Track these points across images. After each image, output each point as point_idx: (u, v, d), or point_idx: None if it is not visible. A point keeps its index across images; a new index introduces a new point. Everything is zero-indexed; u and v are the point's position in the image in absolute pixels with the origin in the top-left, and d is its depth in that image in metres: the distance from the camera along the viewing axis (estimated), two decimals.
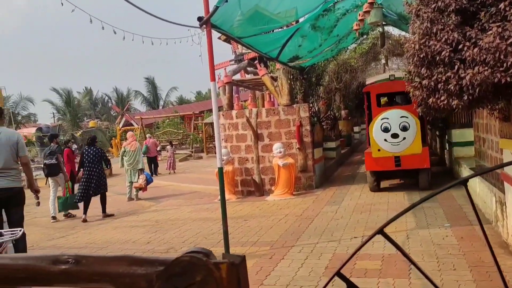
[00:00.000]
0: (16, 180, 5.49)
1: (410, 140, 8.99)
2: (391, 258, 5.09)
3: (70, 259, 1.15)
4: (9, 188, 5.37)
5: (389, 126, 9.07)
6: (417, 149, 8.95)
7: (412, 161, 9.02)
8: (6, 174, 5.36)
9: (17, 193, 5.48)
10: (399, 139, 9.02)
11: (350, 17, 9.09)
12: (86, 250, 6.91)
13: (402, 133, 9.05)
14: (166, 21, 6.24)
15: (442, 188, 1.22)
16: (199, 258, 1.14)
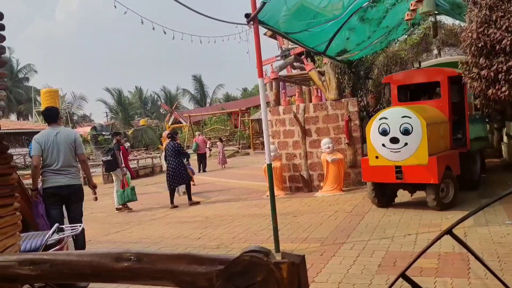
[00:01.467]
0: (76, 177, 5.70)
1: (413, 147, 7.17)
2: (448, 256, 4.89)
3: (132, 257, 1.18)
4: (69, 185, 5.58)
5: (388, 128, 7.34)
6: (423, 159, 7.11)
7: (416, 174, 7.23)
8: (66, 172, 5.58)
9: (77, 190, 5.69)
10: (399, 145, 7.23)
11: (399, 7, 8.80)
12: (140, 245, 7.13)
13: (403, 137, 7.24)
14: (214, 19, 6.29)
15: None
16: (259, 257, 1.12)
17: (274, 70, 12.13)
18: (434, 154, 7.21)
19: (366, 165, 7.80)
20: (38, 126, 29.99)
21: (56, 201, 5.52)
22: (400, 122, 7.22)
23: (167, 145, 10.91)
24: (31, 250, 3.25)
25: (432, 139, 7.22)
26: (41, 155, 5.56)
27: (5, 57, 2.54)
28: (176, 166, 10.53)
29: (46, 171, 5.56)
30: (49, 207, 5.49)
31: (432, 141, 7.22)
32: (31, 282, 1.23)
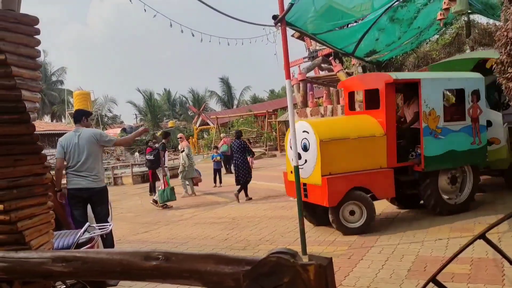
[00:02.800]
0: (96, 180, 5.59)
1: (311, 165, 6.64)
2: (481, 262, 4.75)
3: (161, 256, 1.19)
4: (89, 188, 5.51)
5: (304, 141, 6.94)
6: (317, 179, 6.55)
7: (314, 194, 6.72)
8: (86, 174, 5.51)
9: (98, 193, 5.59)
10: (301, 161, 6.66)
11: (432, 7, 8.62)
12: (168, 245, 7.21)
13: (304, 153, 6.74)
14: (242, 21, 6.32)
15: None
16: (286, 259, 1.12)
17: (302, 71, 12.12)
18: (338, 173, 6.57)
19: (286, 179, 7.56)
20: (71, 127, 30.80)
21: (77, 202, 5.50)
22: (301, 137, 6.74)
23: (233, 143, 11.65)
24: (63, 248, 3.34)
25: (333, 156, 6.56)
26: (64, 157, 5.56)
27: (39, 60, 2.62)
28: (242, 162, 11.10)
29: (69, 172, 5.56)
30: (72, 207, 5.51)
31: (334, 159, 6.57)
32: (63, 279, 1.26)
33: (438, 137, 7.04)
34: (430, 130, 6.98)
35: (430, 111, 6.97)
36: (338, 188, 6.52)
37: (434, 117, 7.01)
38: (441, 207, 7.18)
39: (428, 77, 7.38)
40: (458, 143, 7.17)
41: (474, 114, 7.35)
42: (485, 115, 7.47)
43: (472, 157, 7.35)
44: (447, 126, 7.13)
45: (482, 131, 7.42)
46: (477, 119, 7.36)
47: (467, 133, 7.28)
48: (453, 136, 7.14)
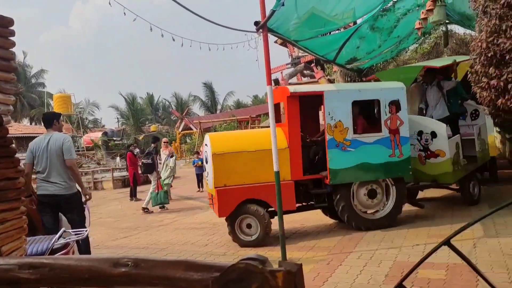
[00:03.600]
0: (65, 187, 5.36)
1: (211, 177, 6.81)
2: (456, 267, 4.83)
3: (130, 262, 1.19)
4: (56, 195, 5.31)
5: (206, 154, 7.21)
6: (213, 190, 6.78)
7: (214, 204, 6.97)
8: (54, 181, 5.32)
9: (66, 200, 5.37)
10: (206, 173, 7.16)
11: (411, 17, 8.77)
12: (147, 251, 7.14)
13: (206, 165, 7.11)
14: (223, 27, 6.34)
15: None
16: (255, 265, 1.13)
17: (284, 77, 12.18)
18: (233, 185, 6.68)
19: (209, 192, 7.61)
20: None
21: (45, 208, 5.30)
22: (205, 150, 7.16)
23: None
24: (38, 254, 3.28)
25: (228, 168, 6.67)
26: (33, 162, 5.37)
27: (14, 62, 2.58)
28: None
29: (38, 178, 5.38)
30: (41, 213, 5.29)
31: (229, 171, 6.67)
32: (31, 286, 1.24)
33: (347, 150, 6.91)
34: (337, 143, 6.87)
35: (336, 123, 6.86)
36: (229, 199, 6.64)
37: (341, 129, 6.91)
38: (357, 221, 7.03)
39: (334, 89, 7.25)
40: (372, 155, 6.96)
41: (392, 125, 7.07)
42: (406, 127, 7.13)
43: (391, 170, 7.06)
44: (358, 138, 6.96)
45: (404, 143, 7.09)
46: (397, 131, 7.08)
47: (384, 145, 7.03)
48: (366, 149, 6.95)
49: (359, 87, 7.35)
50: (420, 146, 7.60)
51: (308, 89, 7.54)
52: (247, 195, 6.71)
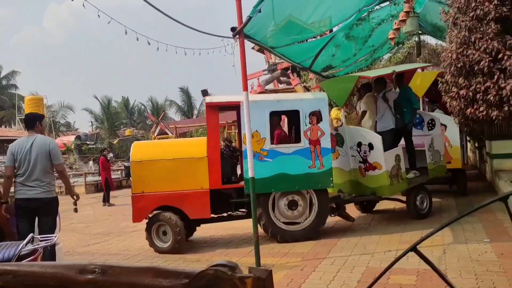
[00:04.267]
0: (47, 190, 5.28)
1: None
2: (426, 273, 4.91)
3: (97, 269, 1.16)
4: (38, 198, 5.19)
5: None
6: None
7: None
8: (35, 184, 5.20)
9: (47, 204, 5.27)
10: None
11: (385, 27, 8.96)
12: (119, 257, 7.02)
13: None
14: (199, 32, 6.33)
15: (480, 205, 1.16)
16: (224, 272, 1.12)
17: (261, 84, 12.23)
18: (150, 192, 6.88)
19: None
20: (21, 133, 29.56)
21: (23, 213, 5.16)
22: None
23: None
24: (4, 260, 3.18)
25: (146, 176, 6.88)
26: (14, 165, 5.21)
27: None
28: None
29: (17, 181, 5.22)
30: (18, 218, 5.15)
31: (147, 178, 6.88)
32: None
33: (264, 160, 6.91)
34: (253, 153, 6.73)
35: (252, 133, 6.76)
36: (142, 206, 6.85)
37: (258, 140, 6.92)
38: (275, 231, 7.02)
39: (251, 99, 7.11)
40: (291, 166, 6.93)
41: (313, 136, 7.02)
42: (327, 138, 7.07)
43: (311, 182, 6.99)
44: (275, 149, 6.98)
45: (324, 154, 7.01)
46: (318, 142, 7.02)
47: (303, 156, 6.98)
48: (285, 159, 6.94)
49: (279, 98, 7.39)
50: (360, 158, 7.48)
51: (226, 99, 7.58)
52: (161, 202, 6.89)
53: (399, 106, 8.00)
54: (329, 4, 7.51)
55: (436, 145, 8.20)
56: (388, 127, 7.83)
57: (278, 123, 7.43)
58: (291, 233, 7.04)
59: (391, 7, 8.09)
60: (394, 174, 7.39)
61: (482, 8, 4.13)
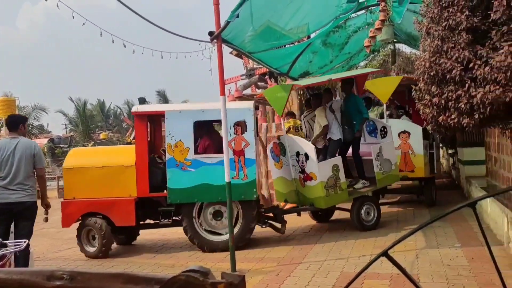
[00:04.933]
0: (29, 194, 5.21)
1: None
2: (399, 277, 4.98)
3: (65, 275, 1.14)
4: (20, 202, 5.11)
5: None
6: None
7: None
8: (20, 188, 5.12)
9: (28, 208, 5.19)
10: None
11: (361, 35, 9.12)
12: (91, 263, 6.88)
13: None
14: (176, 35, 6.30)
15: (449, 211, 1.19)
16: (196, 277, 1.11)
17: (238, 88, 12.25)
18: (80, 198, 7.04)
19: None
20: None
21: (4, 219, 5.07)
22: None
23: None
24: None
25: (77, 182, 7.02)
26: None
27: None
28: None
29: None
30: None
31: (78, 185, 7.01)
32: None
33: (187, 170, 6.91)
34: (177, 162, 6.91)
35: (176, 143, 6.91)
36: (71, 211, 7.07)
37: (182, 149, 6.94)
38: (200, 241, 7.01)
39: (175, 109, 7.35)
40: (214, 176, 6.81)
41: (237, 146, 6.93)
42: (252, 148, 6.95)
43: (234, 193, 6.60)
44: (199, 159, 6.95)
45: (248, 165, 6.92)
46: (242, 152, 6.94)
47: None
48: (208, 170, 6.89)
49: (203, 108, 7.25)
50: (299, 168, 7.32)
51: (152, 109, 7.79)
52: (88, 208, 7.04)
53: (348, 116, 7.83)
54: (306, 11, 7.60)
55: (386, 154, 7.87)
56: (334, 138, 7.66)
57: (208, 132, 7.40)
58: (216, 243, 7.00)
59: (367, 16, 8.26)
60: (331, 185, 7.19)
61: (454, 19, 4.23)
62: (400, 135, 8.84)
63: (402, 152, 8.82)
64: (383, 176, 7.82)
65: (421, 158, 8.73)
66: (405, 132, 8.83)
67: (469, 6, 4.26)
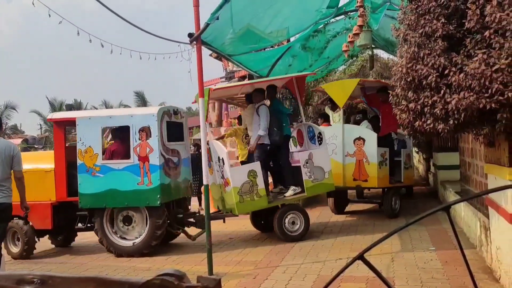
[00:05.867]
0: (7, 195, 5.08)
1: None
2: (375, 280, 5.03)
3: (36, 279, 1.10)
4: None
5: None
6: None
7: None
8: None
9: (4, 209, 5.06)
10: None
11: (340, 40, 9.23)
12: (66, 266, 6.74)
13: None
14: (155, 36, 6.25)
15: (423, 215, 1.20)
16: (170, 281, 1.09)
17: None
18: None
19: None
20: None
21: None
22: None
23: None
24: None
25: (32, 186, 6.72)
26: None
27: None
28: None
29: None
30: None
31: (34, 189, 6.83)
32: None
33: (96, 175, 7.04)
34: (87, 168, 7.05)
35: (86, 149, 7.06)
36: None
37: (91, 155, 7.08)
38: (110, 245, 7.14)
39: (85, 115, 7.54)
40: (121, 182, 6.96)
41: (142, 152, 6.98)
42: (156, 154, 6.96)
43: (140, 199, 6.96)
44: (107, 164, 7.07)
45: (153, 171, 6.94)
46: (147, 158, 6.98)
47: (133, 173, 6.99)
48: (115, 175, 7.01)
49: (111, 114, 7.61)
50: (221, 173, 7.25)
51: (66, 115, 8.06)
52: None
53: (278, 121, 7.60)
54: (286, 15, 7.65)
55: (318, 161, 7.55)
56: (259, 142, 7.43)
57: (118, 138, 7.51)
58: (125, 248, 7.09)
59: (346, 21, 8.36)
60: (246, 191, 7.04)
61: (430, 26, 4.31)
62: (355, 142, 8.39)
63: (356, 160, 8.37)
64: (313, 184, 7.49)
65: (375, 167, 8.21)
66: (360, 138, 8.36)
67: (445, 14, 4.35)
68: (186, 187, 7.93)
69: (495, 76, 3.79)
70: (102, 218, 7.09)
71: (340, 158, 8.41)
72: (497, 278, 4.83)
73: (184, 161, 7.77)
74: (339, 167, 8.39)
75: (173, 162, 7.37)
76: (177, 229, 7.50)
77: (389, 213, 8.66)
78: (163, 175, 7.00)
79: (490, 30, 3.87)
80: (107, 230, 7.11)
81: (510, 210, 4.29)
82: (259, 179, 7.09)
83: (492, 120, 4.12)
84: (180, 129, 7.83)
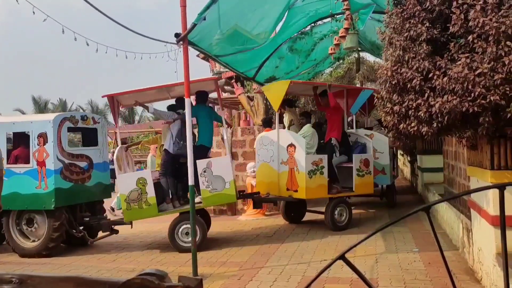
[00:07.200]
0: None
1: None
2: (359, 281, 5.07)
3: (14, 279, 1.09)
4: None
5: None
6: None
7: None
8: None
9: None
10: None
11: (327, 42, 9.27)
12: (48, 267, 6.65)
13: None
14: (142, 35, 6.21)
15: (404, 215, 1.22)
16: (151, 281, 1.09)
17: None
18: None
19: None
20: None
21: None
22: None
23: None
24: None
25: None
26: None
27: None
28: None
29: None
30: None
31: None
32: None
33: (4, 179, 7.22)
34: None
35: None
36: None
37: None
38: (15, 247, 7.39)
39: None
40: (22, 186, 7.27)
41: (40, 157, 7.28)
42: (52, 159, 7.21)
43: (37, 202, 7.25)
44: (11, 168, 7.35)
45: (49, 176, 7.21)
46: (44, 163, 7.26)
47: (32, 177, 7.30)
48: (18, 179, 7.31)
49: (15, 120, 7.87)
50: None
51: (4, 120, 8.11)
52: None
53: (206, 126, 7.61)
54: (273, 16, 7.66)
55: (217, 171, 7.07)
56: (168, 148, 7.46)
57: (23, 143, 7.62)
58: (25, 248, 7.39)
59: (332, 23, 8.39)
60: (134, 199, 7.01)
61: (415, 30, 4.37)
62: (288, 149, 7.84)
63: (289, 168, 7.83)
64: (210, 194, 7.06)
65: (303, 176, 7.58)
66: (292, 145, 7.79)
67: (429, 18, 4.41)
68: (100, 191, 8.14)
69: (477, 80, 3.85)
70: (8, 220, 7.39)
71: (276, 166, 8.08)
72: (478, 279, 4.91)
73: (97, 165, 7.97)
74: (275, 175, 8.07)
75: (79, 167, 7.64)
76: (79, 232, 7.59)
77: (331, 227, 7.92)
78: (61, 180, 7.28)
79: (474, 34, 3.93)
80: (12, 231, 7.40)
81: (491, 212, 4.35)
82: (149, 187, 6.99)
83: (475, 123, 4.19)
84: (94, 135, 8.13)
